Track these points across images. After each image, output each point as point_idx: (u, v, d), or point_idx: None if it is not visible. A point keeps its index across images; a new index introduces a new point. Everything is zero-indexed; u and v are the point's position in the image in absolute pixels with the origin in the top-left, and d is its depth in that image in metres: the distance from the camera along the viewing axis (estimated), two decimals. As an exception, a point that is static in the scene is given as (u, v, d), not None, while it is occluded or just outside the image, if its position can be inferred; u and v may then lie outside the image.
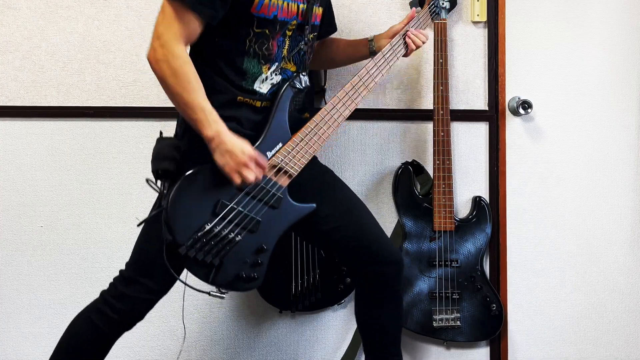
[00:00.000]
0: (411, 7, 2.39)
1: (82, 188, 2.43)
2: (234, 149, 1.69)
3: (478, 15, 2.44)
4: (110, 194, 2.43)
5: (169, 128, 1.97)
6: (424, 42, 2.05)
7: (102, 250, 2.44)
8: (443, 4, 2.29)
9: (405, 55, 2.05)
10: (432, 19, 2.20)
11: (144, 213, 1.88)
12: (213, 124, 1.69)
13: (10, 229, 2.44)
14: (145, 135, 2.41)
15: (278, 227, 1.83)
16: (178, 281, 1.80)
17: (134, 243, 1.91)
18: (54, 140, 2.42)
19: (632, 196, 2.56)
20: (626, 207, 2.56)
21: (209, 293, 1.79)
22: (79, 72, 2.41)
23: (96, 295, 1.91)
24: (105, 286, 1.91)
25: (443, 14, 2.30)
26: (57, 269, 2.45)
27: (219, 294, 1.79)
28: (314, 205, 1.87)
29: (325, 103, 2.35)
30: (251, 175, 1.71)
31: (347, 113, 1.91)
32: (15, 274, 2.45)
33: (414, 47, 2.04)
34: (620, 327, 2.58)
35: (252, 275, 1.80)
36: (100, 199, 2.44)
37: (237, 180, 1.72)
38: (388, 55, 1.99)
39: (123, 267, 1.91)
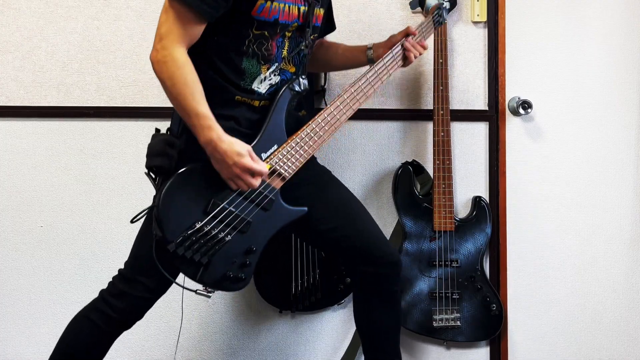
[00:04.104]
0: (411, 8, 2.39)
1: (82, 188, 2.43)
2: (225, 160, 1.70)
3: (478, 15, 2.44)
4: (110, 194, 2.44)
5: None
6: (421, 54, 2.04)
7: (102, 250, 2.44)
8: (443, 4, 2.28)
9: (404, 65, 2.03)
10: (434, 27, 2.16)
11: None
12: (206, 131, 1.69)
13: (10, 229, 2.44)
14: (145, 135, 2.39)
15: (268, 229, 1.83)
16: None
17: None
18: (54, 140, 2.42)
19: (632, 196, 2.56)
20: (626, 207, 2.56)
21: (195, 291, 1.79)
22: (79, 72, 2.41)
23: (95, 295, 1.91)
24: (105, 286, 1.91)
25: (443, 14, 2.30)
26: (57, 269, 2.45)
27: (205, 293, 1.78)
28: (306, 208, 1.87)
29: (326, 103, 2.36)
30: (244, 185, 1.73)
31: (345, 119, 1.90)
32: (15, 274, 2.45)
33: (413, 59, 2.02)
34: (620, 327, 2.58)
35: (240, 276, 1.80)
36: (100, 199, 2.44)
37: (233, 187, 1.75)
38: (389, 63, 1.97)
39: (122, 266, 1.91)
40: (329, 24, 2.13)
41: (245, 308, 2.49)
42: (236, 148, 1.70)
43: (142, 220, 1.84)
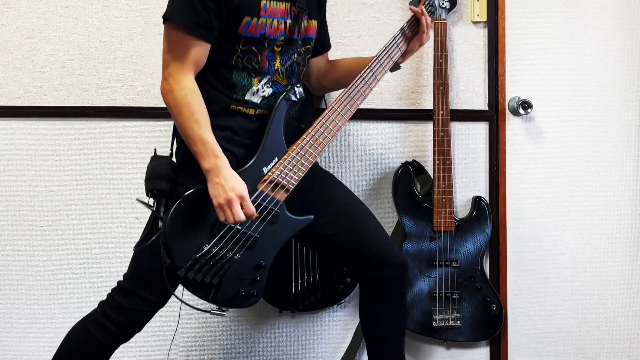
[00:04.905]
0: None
1: (82, 188, 2.43)
2: (225, 185, 1.69)
3: (478, 15, 2.44)
4: (110, 193, 2.43)
5: (168, 128, 1.97)
6: (428, 24, 1.97)
7: (101, 250, 2.44)
8: (443, 4, 2.28)
9: (413, 45, 1.97)
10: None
11: (143, 213, 1.88)
12: (212, 158, 1.70)
13: (10, 229, 2.44)
14: (145, 136, 2.41)
15: (276, 242, 1.83)
16: (178, 287, 1.80)
17: (133, 243, 1.89)
18: (54, 140, 2.42)
19: (632, 196, 2.55)
20: (626, 207, 2.56)
21: (209, 312, 1.80)
22: (79, 72, 2.41)
23: (95, 295, 1.92)
24: (105, 286, 1.91)
25: (443, 14, 2.30)
26: (57, 269, 2.45)
27: (219, 312, 1.80)
28: (312, 217, 1.87)
29: (326, 104, 2.36)
30: (231, 216, 1.71)
31: (344, 122, 1.89)
32: (15, 274, 2.45)
33: (424, 23, 1.94)
34: (620, 327, 2.58)
35: (251, 292, 1.81)
36: (100, 199, 2.44)
37: (221, 217, 1.73)
38: (391, 50, 1.94)
39: (122, 270, 1.90)
40: (324, 42, 2.08)
41: (245, 308, 2.49)
42: (239, 178, 1.72)
43: (140, 231, 1.84)
